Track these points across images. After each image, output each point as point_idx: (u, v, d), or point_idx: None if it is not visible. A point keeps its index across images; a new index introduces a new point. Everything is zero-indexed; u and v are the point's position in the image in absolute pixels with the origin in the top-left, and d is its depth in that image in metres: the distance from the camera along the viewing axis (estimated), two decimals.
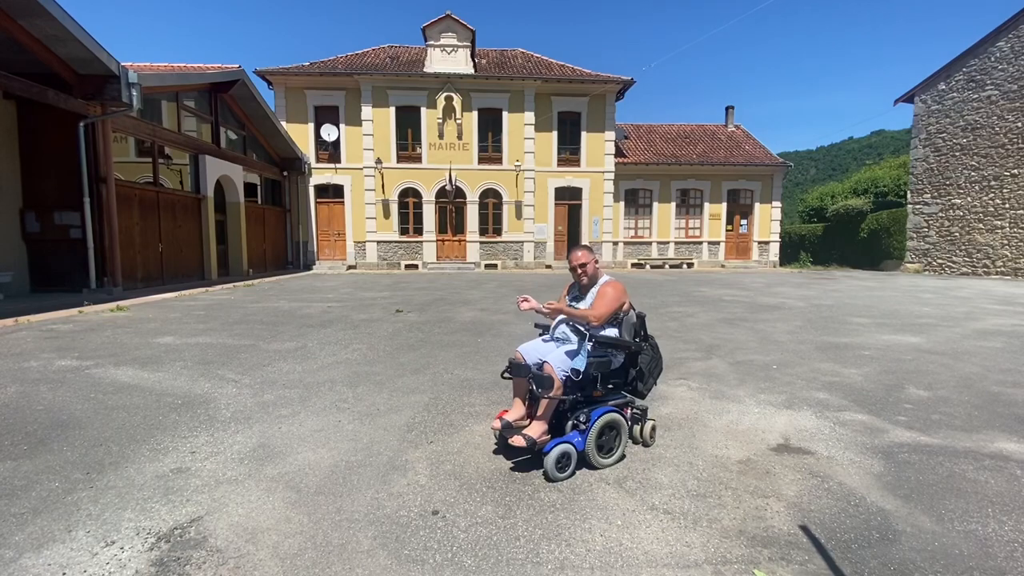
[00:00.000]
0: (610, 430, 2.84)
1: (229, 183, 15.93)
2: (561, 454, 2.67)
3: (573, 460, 2.72)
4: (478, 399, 4.02)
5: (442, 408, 3.81)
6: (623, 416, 2.91)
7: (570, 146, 21.72)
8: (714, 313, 8.81)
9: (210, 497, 2.51)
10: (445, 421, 3.53)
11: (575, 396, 2.84)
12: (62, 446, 3.10)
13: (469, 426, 3.43)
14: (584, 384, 2.87)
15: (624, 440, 2.90)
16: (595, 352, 2.91)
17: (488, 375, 4.74)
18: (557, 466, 2.65)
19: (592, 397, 2.91)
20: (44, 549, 2.08)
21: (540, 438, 2.76)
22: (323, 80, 20.28)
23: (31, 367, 4.89)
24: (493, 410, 3.76)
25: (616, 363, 3.00)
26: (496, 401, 3.97)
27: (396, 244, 21.21)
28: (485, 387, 4.36)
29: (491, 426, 3.06)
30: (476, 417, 3.60)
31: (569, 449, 2.70)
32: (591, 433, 2.74)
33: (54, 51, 9.70)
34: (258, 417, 3.62)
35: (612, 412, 2.83)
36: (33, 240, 10.93)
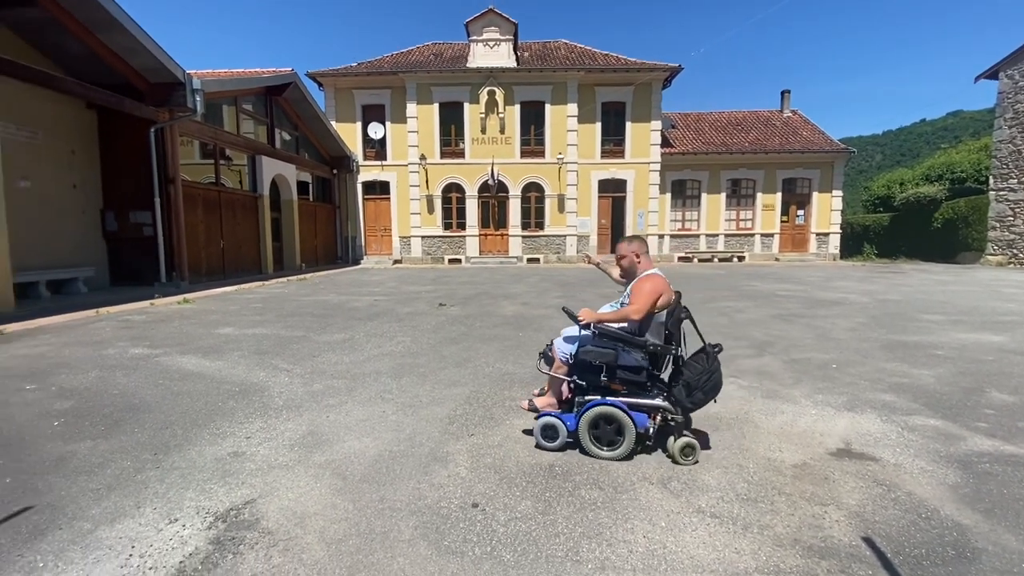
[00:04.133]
0: (608, 423, 2.82)
1: (283, 182, 16.64)
2: (548, 425, 2.91)
3: (561, 435, 2.89)
4: (519, 393, 4.02)
5: (483, 401, 3.83)
6: (628, 414, 2.78)
7: (614, 137, 21.29)
8: (767, 309, 8.42)
9: (263, 481, 2.63)
10: (486, 414, 3.55)
11: (573, 379, 2.95)
12: (134, 428, 3.33)
13: (509, 420, 3.43)
14: (584, 371, 2.91)
15: (629, 439, 2.78)
16: (597, 343, 2.89)
17: (529, 369, 4.72)
18: (543, 434, 2.92)
19: (609, 388, 2.90)
20: (116, 523, 2.25)
21: (543, 407, 3.03)
22: (370, 80, 20.79)
23: (109, 354, 5.29)
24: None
25: (627, 360, 2.89)
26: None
27: (439, 239, 21.53)
28: (526, 381, 4.35)
29: (519, 404, 3.27)
30: (516, 411, 3.60)
31: (558, 424, 2.89)
32: (582, 419, 2.83)
33: (128, 62, 10.41)
34: (308, 406, 3.76)
35: (611, 407, 2.80)
36: (112, 238, 11.83)
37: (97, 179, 11.66)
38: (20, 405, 3.69)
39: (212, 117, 13.61)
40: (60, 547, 2.06)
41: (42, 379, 4.34)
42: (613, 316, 2.92)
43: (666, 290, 2.92)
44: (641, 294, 2.89)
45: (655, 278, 2.95)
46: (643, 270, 3.07)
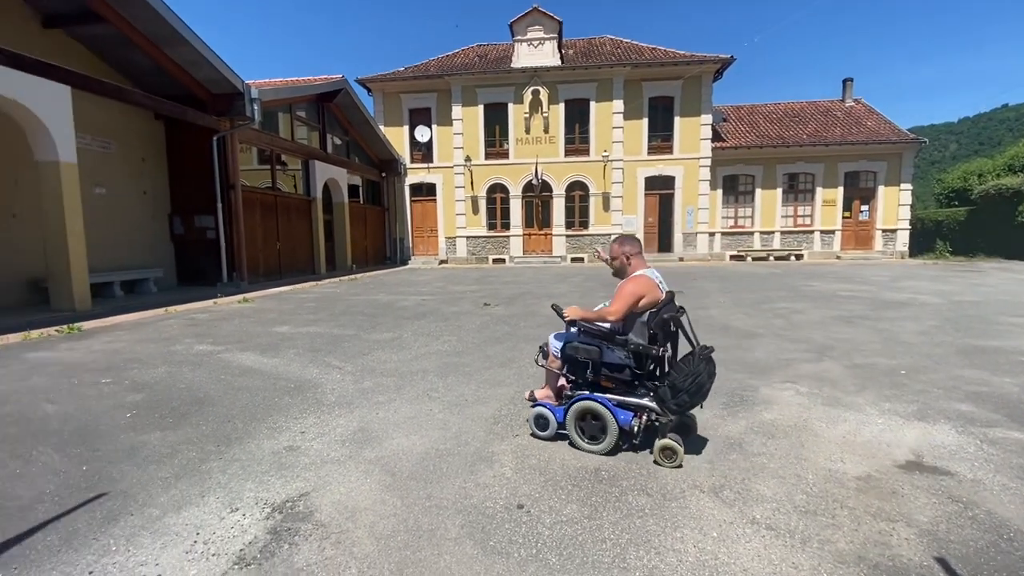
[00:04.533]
0: (593, 419, 2.90)
1: (335, 185, 17.25)
2: (539, 415, 3.11)
3: (551, 426, 3.06)
4: None
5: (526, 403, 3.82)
6: (612, 411, 2.83)
7: (662, 133, 20.77)
8: (827, 310, 7.98)
9: (316, 475, 2.73)
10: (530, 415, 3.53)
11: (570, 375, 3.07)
12: (198, 420, 3.54)
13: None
14: (572, 366, 3.04)
15: (611, 435, 2.83)
16: (582, 340, 3.00)
17: None
18: (535, 424, 3.13)
19: (599, 384, 3.00)
20: (183, 510, 2.39)
21: (541, 399, 3.27)
22: (416, 84, 21.22)
23: (176, 350, 5.65)
24: None
25: (611, 357, 2.97)
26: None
27: (484, 239, 21.71)
28: None
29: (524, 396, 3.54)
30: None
31: (548, 415, 3.07)
32: (569, 412, 2.96)
33: (192, 74, 11.09)
34: (358, 403, 3.88)
35: (594, 403, 2.88)
36: (179, 240, 12.65)
37: (165, 186, 12.50)
38: (97, 397, 4.00)
39: (268, 124, 14.29)
40: (131, 532, 2.21)
41: (116, 373, 4.69)
42: (594, 315, 3.00)
43: (649, 291, 2.93)
44: (620, 296, 2.93)
45: (638, 279, 2.97)
46: (633, 271, 3.09)
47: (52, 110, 8.08)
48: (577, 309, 3.04)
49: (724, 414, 3.52)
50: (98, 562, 2.01)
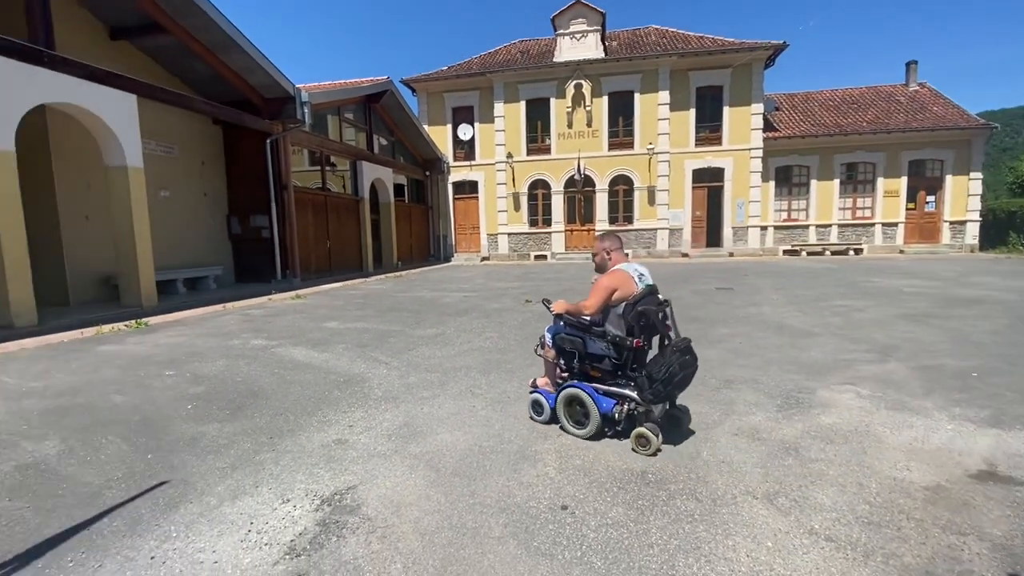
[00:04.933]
0: (579, 406, 3.08)
1: (382, 185, 17.67)
2: (534, 401, 3.39)
3: (545, 411, 3.30)
4: None
5: None
6: (594, 398, 3.00)
7: (710, 124, 20.06)
8: (890, 307, 7.48)
9: (363, 468, 2.78)
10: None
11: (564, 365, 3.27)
12: (253, 413, 3.69)
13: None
14: (563, 356, 3.25)
15: (594, 421, 2.99)
16: (567, 331, 3.21)
17: None
18: (532, 408, 3.41)
19: (588, 373, 3.19)
20: (238, 500, 2.49)
21: (540, 386, 3.47)
22: (459, 82, 21.39)
23: (233, 345, 5.93)
24: None
25: (593, 348, 3.12)
26: None
27: (526, 236, 21.68)
28: None
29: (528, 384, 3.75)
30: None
31: (543, 401, 3.31)
32: (558, 398, 3.18)
33: (246, 80, 11.60)
34: (404, 398, 3.94)
35: (578, 390, 3.06)
36: (236, 240, 13.30)
37: (223, 187, 13.16)
38: (161, 389, 4.25)
39: (318, 127, 14.77)
40: (190, 520, 2.32)
41: (179, 366, 4.97)
42: (573, 308, 3.16)
43: (623, 285, 3.05)
44: (595, 290, 3.10)
45: (614, 274, 3.12)
46: (613, 265, 3.22)
47: (120, 118, 8.63)
48: (563, 303, 3.21)
49: (778, 416, 3.35)
50: (159, 547, 2.12)
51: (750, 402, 3.62)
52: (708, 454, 2.81)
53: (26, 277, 7.24)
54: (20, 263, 7.16)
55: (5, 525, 2.29)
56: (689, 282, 11.45)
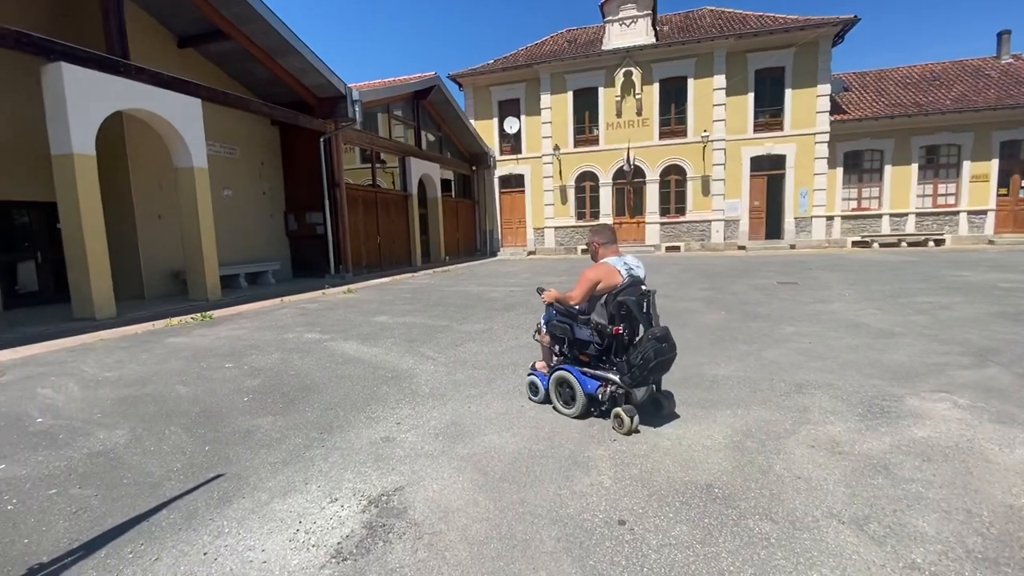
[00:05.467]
0: (568, 387, 3.35)
1: (429, 180, 17.85)
2: (530, 383, 3.68)
3: (540, 392, 3.58)
4: None
5: None
6: (580, 381, 3.25)
7: (770, 108, 18.94)
8: (985, 304, 6.73)
9: (410, 469, 2.72)
10: None
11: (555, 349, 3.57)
12: (304, 407, 3.72)
13: (654, 428, 3.12)
14: (555, 341, 3.53)
15: (580, 401, 3.25)
16: (558, 319, 3.45)
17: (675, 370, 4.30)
18: (529, 389, 3.70)
19: (578, 359, 3.40)
20: (288, 497, 2.47)
21: (538, 369, 3.71)
22: (505, 75, 21.25)
23: (288, 338, 6.08)
24: (682, 410, 3.39)
25: (580, 334, 3.35)
26: (686, 401, 3.56)
27: (572, 229, 21.34)
28: (672, 384, 3.96)
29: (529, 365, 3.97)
30: (663, 418, 3.27)
31: (538, 382, 3.60)
32: (550, 380, 3.47)
33: (301, 81, 11.95)
34: (451, 395, 3.86)
35: (566, 373, 3.33)
36: (292, 236, 13.81)
37: (281, 186, 13.67)
38: (221, 381, 4.38)
39: (368, 125, 15.05)
40: (242, 515, 2.32)
41: (238, 358, 5.13)
42: (563, 298, 3.39)
43: (607, 277, 3.23)
44: (580, 281, 3.31)
45: (599, 266, 3.31)
46: (601, 258, 3.40)
47: (187, 121, 9.08)
48: (554, 292, 3.46)
49: (861, 427, 3.01)
50: (212, 543, 2.12)
51: (827, 409, 3.29)
52: (782, 468, 2.54)
53: (106, 273, 7.75)
54: (101, 260, 7.67)
55: (74, 512, 2.37)
56: (748, 276, 10.83)
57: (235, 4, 9.70)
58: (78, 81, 7.34)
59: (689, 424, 3.15)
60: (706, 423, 3.16)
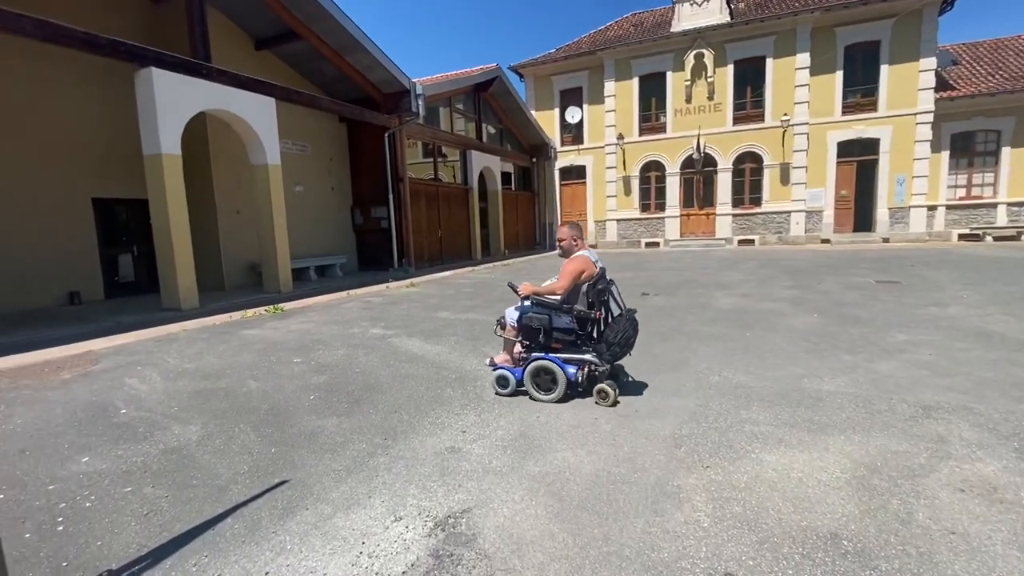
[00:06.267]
0: (546, 374, 3.55)
1: (489, 173, 17.74)
2: (500, 376, 3.72)
3: (511, 384, 3.69)
4: (761, 415, 3.23)
5: (714, 420, 3.17)
6: (561, 367, 3.49)
7: (862, 87, 17.19)
8: None
9: (478, 487, 2.50)
10: (721, 440, 2.89)
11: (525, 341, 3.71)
12: (369, 409, 3.61)
13: (756, 453, 2.72)
14: (529, 334, 3.65)
15: (561, 386, 3.50)
16: (535, 311, 3.62)
17: (768, 382, 3.84)
18: (497, 383, 3.74)
19: (551, 347, 3.60)
20: (351, 512, 2.33)
21: (500, 363, 3.85)
22: (568, 64, 20.68)
23: (354, 333, 6.10)
24: (784, 432, 2.96)
25: (559, 323, 3.57)
26: (788, 422, 3.12)
27: (636, 222, 20.51)
28: (767, 399, 3.51)
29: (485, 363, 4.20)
30: (763, 441, 2.86)
31: (508, 375, 3.68)
32: (527, 371, 3.59)
33: (367, 77, 12.11)
34: (518, 402, 3.63)
35: (547, 361, 3.53)
36: (358, 230, 14.14)
37: (348, 181, 14.01)
38: (289, 377, 4.39)
39: (430, 119, 15.11)
40: (304, 530, 2.19)
41: (306, 353, 5.16)
42: (545, 289, 3.65)
43: (587, 267, 3.59)
44: (565, 272, 3.59)
45: (578, 259, 3.63)
46: (577, 251, 3.70)
47: (262, 120, 9.40)
48: (529, 286, 3.68)
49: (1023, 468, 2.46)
50: (274, 560, 2.00)
51: (971, 441, 2.74)
52: (927, 518, 2.09)
53: (190, 266, 8.18)
54: (186, 254, 8.10)
55: (145, 515, 2.35)
56: (837, 273, 9.84)
57: (306, 3, 9.92)
58: (166, 85, 7.74)
59: (796, 451, 2.73)
60: (817, 451, 2.72)
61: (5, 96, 8.15)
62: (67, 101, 8.90)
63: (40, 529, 2.23)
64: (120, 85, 8.83)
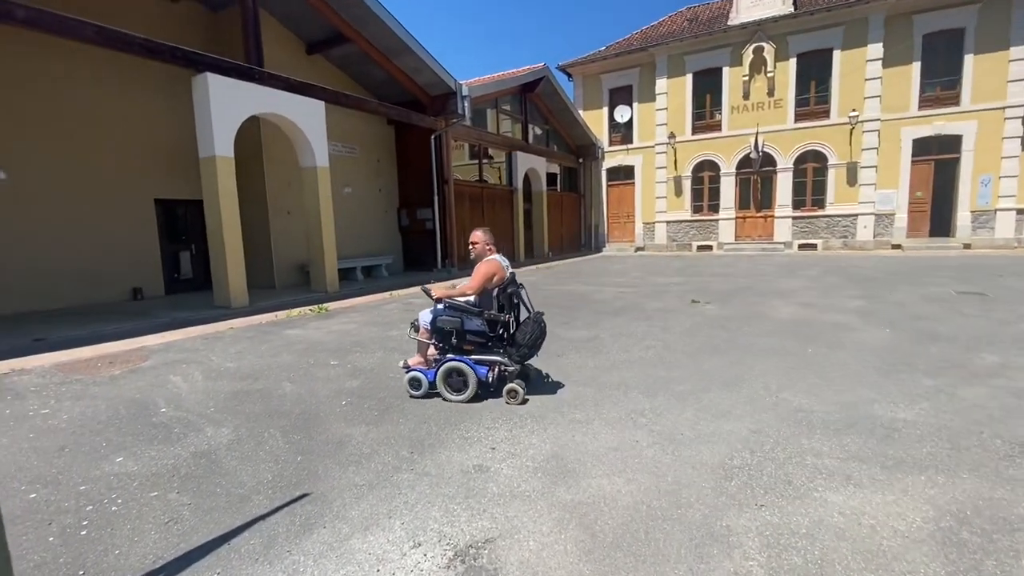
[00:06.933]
0: (458, 375, 3.66)
1: (535, 174, 17.56)
2: (412, 379, 3.80)
3: (423, 386, 3.76)
4: (825, 445, 2.88)
5: (770, 450, 2.85)
6: (472, 367, 3.62)
7: (942, 79, 15.80)
8: None
9: (504, 514, 2.32)
10: (778, 474, 2.58)
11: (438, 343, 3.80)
12: (398, 417, 3.51)
13: (819, 492, 2.40)
14: (442, 336, 3.73)
15: (472, 386, 3.62)
16: (447, 313, 3.72)
17: (834, 407, 3.45)
18: (410, 385, 3.81)
19: (463, 349, 3.72)
20: (369, 534, 2.20)
21: (414, 365, 3.92)
22: (617, 61, 20.19)
23: (392, 336, 6.06)
24: (853, 468, 2.61)
25: (471, 325, 3.70)
26: (859, 455, 2.75)
27: (687, 224, 19.74)
28: (833, 427, 3.14)
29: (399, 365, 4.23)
30: (828, 477, 2.52)
31: (420, 377, 3.76)
32: (439, 372, 3.70)
33: (415, 80, 12.21)
34: (552, 418, 3.42)
35: (459, 362, 3.65)
36: (404, 232, 14.31)
37: (394, 183, 14.20)
38: (324, 380, 4.37)
39: (476, 120, 15.10)
40: (320, 551, 2.08)
41: (343, 356, 5.15)
42: (456, 292, 3.80)
43: (498, 271, 3.73)
44: (477, 275, 3.72)
45: (490, 262, 3.75)
46: (488, 256, 3.83)
47: (311, 122, 9.63)
48: (441, 289, 3.83)
49: None
50: None
51: None
52: None
53: (241, 266, 8.46)
54: (237, 254, 8.38)
55: (166, 523, 2.32)
56: (912, 283, 9.00)
57: (354, 6, 10.09)
58: (220, 89, 8.03)
59: (867, 492, 2.38)
60: (893, 493, 2.36)
61: (80, 103, 8.72)
62: (135, 107, 9.43)
63: (64, 533, 2.23)
64: (182, 91, 9.25)
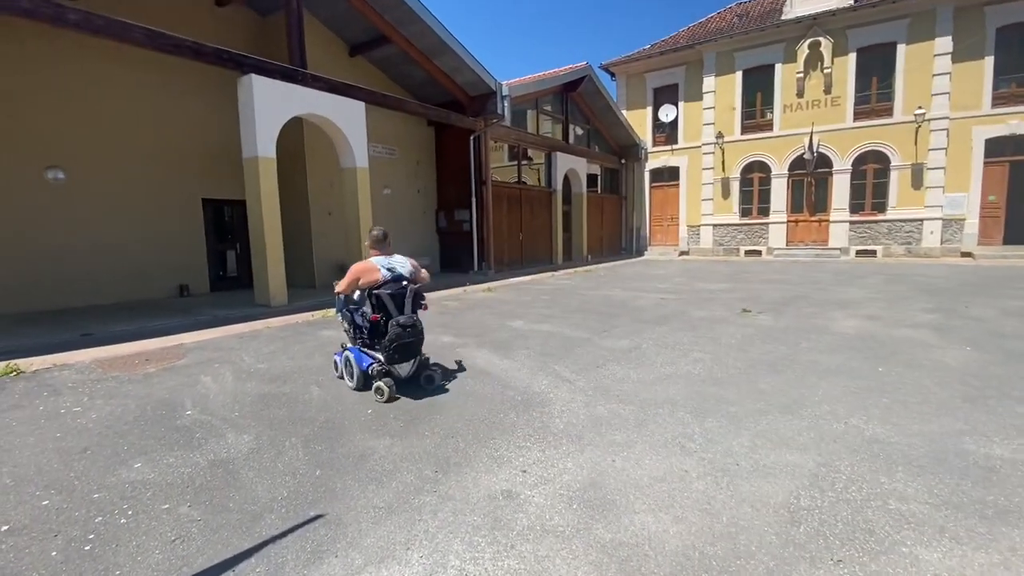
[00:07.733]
0: (347, 365, 4.14)
1: (575, 176, 17.20)
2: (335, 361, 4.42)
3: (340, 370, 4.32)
4: (910, 487, 2.47)
5: (843, 489, 2.46)
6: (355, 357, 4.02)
7: (1018, 75, 14.48)
8: None
9: (533, 552, 2.06)
10: (856, 520, 2.20)
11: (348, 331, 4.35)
12: (424, 429, 3.30)
13: (907, 546, 2.02)
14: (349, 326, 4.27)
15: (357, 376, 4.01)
16: (348, 306, 4.27)
17: (916, 439, 3.01)
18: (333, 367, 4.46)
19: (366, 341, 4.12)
20: (383, 567, 1.99)
21: None
22: (663, 60, 19.60)
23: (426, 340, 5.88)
24: (946, 517, 2.21)
25: (358, 320, 4.15)
26: (952, 501, 2.34)
27: (735, 228, 18.90)
28: (917, 464, 2.72)
29: None
30: (917, 528, 2.13)
31: (337, 360, 4.37)
32: (341, 359, 4.28)
33: (454, 79, 12.12)
34: (590, 438, 3.13)
35: (348, 352, 4.12)
36: (442, 233, 14.26)
37: (433, 184, 14.17)
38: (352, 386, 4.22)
39: (516, 121, 14.90)
40: None
41: None
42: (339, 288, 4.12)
43: (367, 274, 3.97)
44: (346, 273, 4.08)
45: (362, 264, 4.03)
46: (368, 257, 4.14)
47: (351, 124, 9.65)
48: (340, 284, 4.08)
49: None
50: None
51: None
52: None
53: (280, 265, 8.53)
54: (277, 253, 8.46)
55: (172, 541, 2.18)
56: (990, 294, 8.15)
57: (396, 8, 10.07)
58: (264, 90, 8.13)
59: (967, 548, 1.99)
60: (999, 551, 1.96)
61: (134, 106, 9.03)
62: (184, 109, 9.71)
63: (68, 547, 2.12)
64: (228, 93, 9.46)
